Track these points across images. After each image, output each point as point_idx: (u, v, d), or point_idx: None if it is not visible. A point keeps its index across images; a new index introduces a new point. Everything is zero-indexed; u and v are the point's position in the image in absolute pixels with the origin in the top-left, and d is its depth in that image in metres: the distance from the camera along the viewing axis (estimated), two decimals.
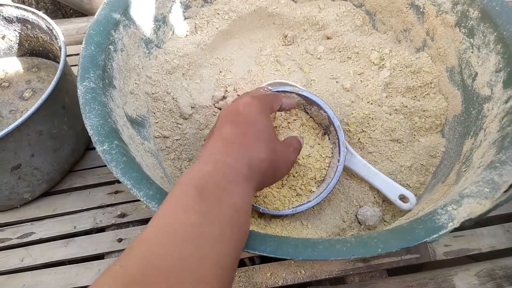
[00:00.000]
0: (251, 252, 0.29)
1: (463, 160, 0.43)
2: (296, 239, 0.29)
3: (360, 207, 0.47)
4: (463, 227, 0.30)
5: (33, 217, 0.57)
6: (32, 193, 0.56)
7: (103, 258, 0.53)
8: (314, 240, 0.29)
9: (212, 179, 0.28)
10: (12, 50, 0.66)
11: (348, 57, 0.58)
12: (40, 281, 0.51)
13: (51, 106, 0.50)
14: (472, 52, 0.47)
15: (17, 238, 0.55)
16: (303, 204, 0.44)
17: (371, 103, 0.53)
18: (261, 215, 0.45)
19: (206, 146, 0.34)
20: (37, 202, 0.58)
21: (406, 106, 0.52)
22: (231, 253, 0.26)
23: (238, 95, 0.55)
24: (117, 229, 0.55)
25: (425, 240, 0.29)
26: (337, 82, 0.55)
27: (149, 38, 0.52)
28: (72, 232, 0.55)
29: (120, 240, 0.54)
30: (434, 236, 0.29)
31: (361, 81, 0.55)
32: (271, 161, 0.34)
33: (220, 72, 0.58)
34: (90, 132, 0.34)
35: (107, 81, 0.40)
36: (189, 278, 0.22)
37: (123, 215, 0.56)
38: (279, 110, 0.43)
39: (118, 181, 0.59)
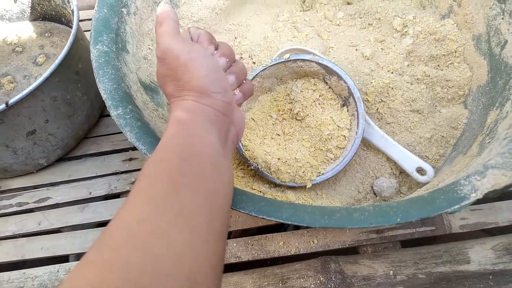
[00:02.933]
0: (267, 218, 0.28)
1: (487, 132, 0.41)
2: (313, 206, 0.28)
3: (376, 178, 0.46)
4: (486, 198, 0.29)
5: (49, 182, 0.58)
6: (47, 158, 0.56)
7: None
8: (331, 208, 0.28)
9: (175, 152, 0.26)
10: (25, 14, 0.65)
11: (369, 24, 0.55)
12: (57, 244, 0.53)
13: (64, 71, 0.50)
14: (502, 19, 0.45)
15: (34, 202, 0.56)
16: (319, 176, 0.44)
17: (392, 72, 0.51)
18: (277, 185, 0.44)
19: None
20: (53, 168, 0.59)
21: (429, 76, 0.50)
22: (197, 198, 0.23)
23: (253, 62, 0.54)
24: None
25: (446, 210, 0.28)
26: (356, 49, 0.53)
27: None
28: (87, 197, 0.56)
29: None
30: (456, 207, 0.28)
31: (382, 49, 0.53)
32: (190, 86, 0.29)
33: (235, 38, 0.56)
34: (104, 97, 0.34)
35: (120, 45, 0.39)
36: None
37: None
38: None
39: (132, 148, 0.60)
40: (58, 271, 0.51)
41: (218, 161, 0.27)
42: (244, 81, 0.36)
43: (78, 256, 0.54)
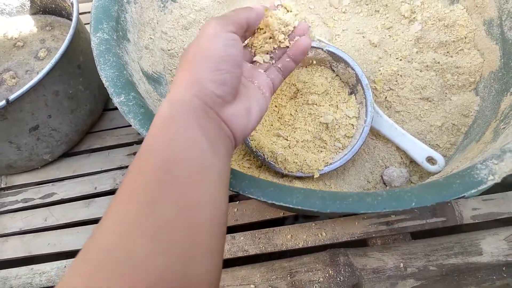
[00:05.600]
0: (277, 203, 0.27)
1: (501, 118, 0.40)
2: (323, 191, 0.27)
3: (386, 167, 0.45)
4: (498, 187, 0.27)
5: (54, 177, 0.57)
6: (52, 154, 0.56)
7: None
8: (342, 193, 0.27)
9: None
10: (25, 7, 0.65)
11: (376, 10, 0.54)
12: (64, 240, 0.52)
13: (66, 65, 0.49)
14: None
15: (40, 198, 0.56)
16: (327, 165, 0.43)
17: (400, 59, 0.49)
18: (284, 176, 0.43)
19: None
20: (57, 163, 0.58)
21: (438, 62, 0.48)
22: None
23: None
24: None
25: (462, 195, 0.27)
26: (363, 37, 0.52)
27: None
28: (92, 192, 0.56)
29: None
30: (473, 191, 0.27)
31: (389, 35, 0.52)
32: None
33: None
34: (106, 84, 0.33)
35: (121, 33, 0.39)
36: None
37: None
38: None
39: (137, 142, 0.59)
40: (65, 266, 0.50)
41: (203, 165, 0.23)
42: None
43: None
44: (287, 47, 0.35)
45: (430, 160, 0.44)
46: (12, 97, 0.44)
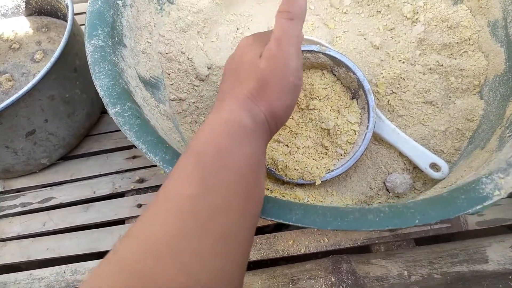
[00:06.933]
0: (276, 220, 0.27)
1: (506, 124, 0.39)
2: (324, 207, 0.27)
3: (388, 173, 0.44)
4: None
5: (52, 182, 0.57)
6: (49, 158, 0.55)
7: (123, 223, 0.53)
8: (343, 209, 0.26)
9: (211, 143, 0.25)
10: (20, 9, 0.64)
11: (377, 11, 0.53)
12: (62, 244, 0.52)
13: (61, 69, 0.48)
14: None
15: (38, 202, 0.55)
16: (328, 172, 0.42)
17: (403, 62, 0.48)
18: (285, 182, 0.43)
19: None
20: (55, 167, 0.58)
21: (442, 65, 0.47)
22: (241, 223, 0.23)
23: None
24: (136, 194, 0.55)
25: (467, 211, 0.26)
26: (365, 39, 0.51)
27: None
28: (91, 197, 0.55)
29: (140, 205, 0.53)
30: (478, 207, 0.26)
31: (392, 37, 0.51)
32: (265, 89, 0.28)
33: (237, 29, 0.54)
34: (101, 94, 0.32)
35: (116, 39, 0.38)
36: (189, 259, 0.20)
37: (141, 181, 0.55)
38: None
39: (136, 146, 0.59)
40: (64, 272, 0.50)
41: (258, 180, 0.26)
42: None
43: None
44: None
45: (434, 166, 0.43)
46: (2, 105, 0.43)
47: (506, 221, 0.47)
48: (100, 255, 0.52)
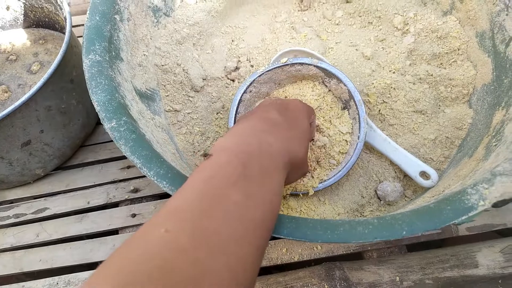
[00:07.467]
0: None
1: (493, 133, 0.40)
2: (315, 220, 0.27)
3: (380, 182, 0.45)
4: (495, 207, 0.27)
5: (46, 192, 0.57)
6: (44, 168, 0.55)
7: (117, 233, 0.53)
8: (333, 222, 0.27)
9: (257, 159, 0.27)
10: (18, 21, 0.64)
11: (369, 22, 0.54)
12: (56, 255, 0.52)
13: (58, 80, 0.48)
14: (506, 15, 0.43)
15: (32, 213, 0.55)
16: (321, 182, 0.43)
17: (394, 72, 0.50)
18: None
19: (243, 123, 0.33)
20: (50, 178, 0.58)
21: (432, 75, 0.48)
22: (267, 238, 0.25)
23: (251, 65, 0.52)
24: (130, 204, 0.55)
25: (453, 222, 0.27)
26: (357, 49, 0.52)
27: (156, 6, 0.49)
28: (85, 207, 0.55)
29: (134, 215, 0.53)
30: (464, 217, 0.27)
31: (382, 48, 0.52)
32: (303, 163, 0.35)
33: (232, 41, 0.55)
34: (97, 109, 0.32)
35: (113, 53, 0.38)
36: (233, 261, 0.21)
37: (136, 190, 0.55)
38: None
39: None
40: (57, 283, 0.50)
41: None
42: None
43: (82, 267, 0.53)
44: None
45: (424, 174, 0.44)
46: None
47: (495, 227, 0.48)
48: (92, 266, 0.52)
